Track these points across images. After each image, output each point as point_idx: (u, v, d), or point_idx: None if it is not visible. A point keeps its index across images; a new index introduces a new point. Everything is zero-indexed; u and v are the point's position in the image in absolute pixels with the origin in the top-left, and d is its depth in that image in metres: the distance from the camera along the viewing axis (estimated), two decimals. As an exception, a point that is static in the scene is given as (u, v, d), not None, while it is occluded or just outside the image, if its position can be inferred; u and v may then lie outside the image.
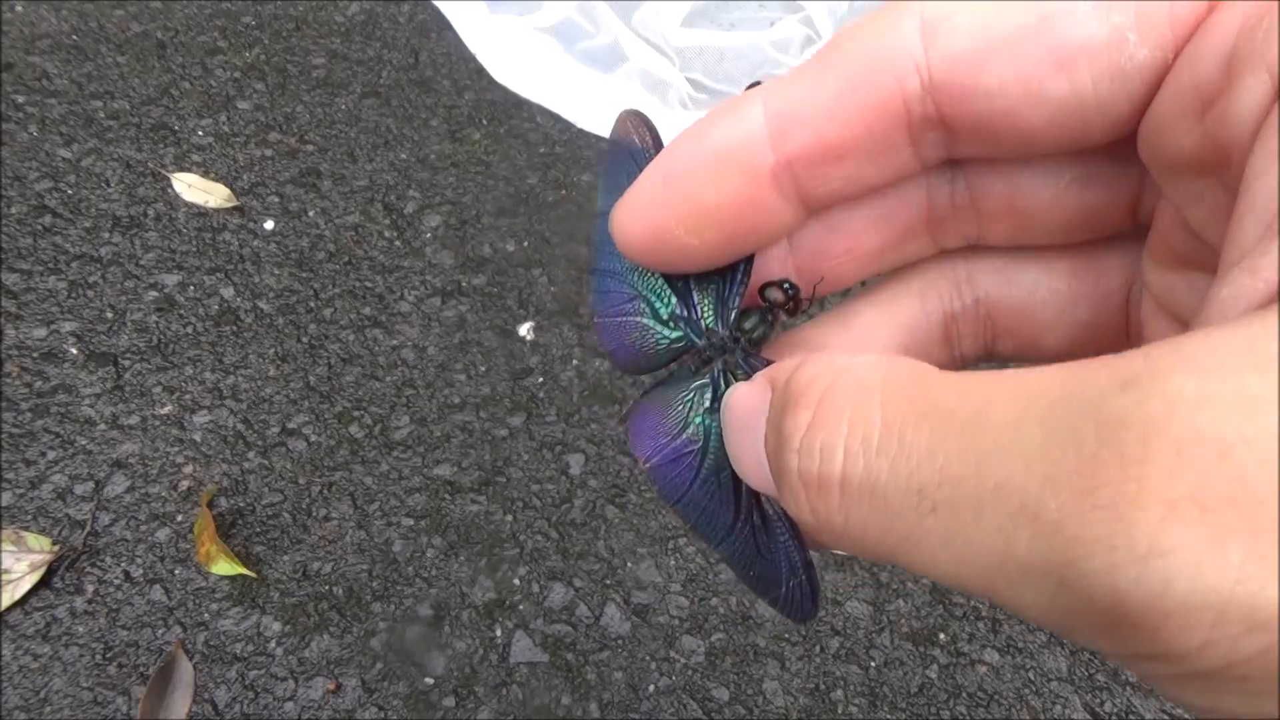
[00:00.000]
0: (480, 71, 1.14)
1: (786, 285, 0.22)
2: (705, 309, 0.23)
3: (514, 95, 1.13)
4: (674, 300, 0.23)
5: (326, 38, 1.19)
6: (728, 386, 0.22)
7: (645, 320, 0.23)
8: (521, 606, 0.75)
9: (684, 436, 0.22)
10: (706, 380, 0.22)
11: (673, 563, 0.78)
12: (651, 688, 0.72)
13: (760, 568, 0.21)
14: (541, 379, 0.89)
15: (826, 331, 0.23)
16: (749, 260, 0.21)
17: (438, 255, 0.98)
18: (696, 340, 0.23)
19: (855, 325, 0.22)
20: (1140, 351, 0.12)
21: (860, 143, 0.18)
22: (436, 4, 1.21)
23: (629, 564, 0.78)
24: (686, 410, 0.22)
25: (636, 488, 0.83)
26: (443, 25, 1.19)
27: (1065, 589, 0.12)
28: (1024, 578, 0.12)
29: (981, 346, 0.22)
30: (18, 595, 0.72)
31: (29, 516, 0.78)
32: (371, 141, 1.08)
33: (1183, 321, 0.20)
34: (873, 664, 0.74)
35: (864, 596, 0.77)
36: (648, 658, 0.73)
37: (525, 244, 1.00)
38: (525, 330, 0.93)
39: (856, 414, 0.14)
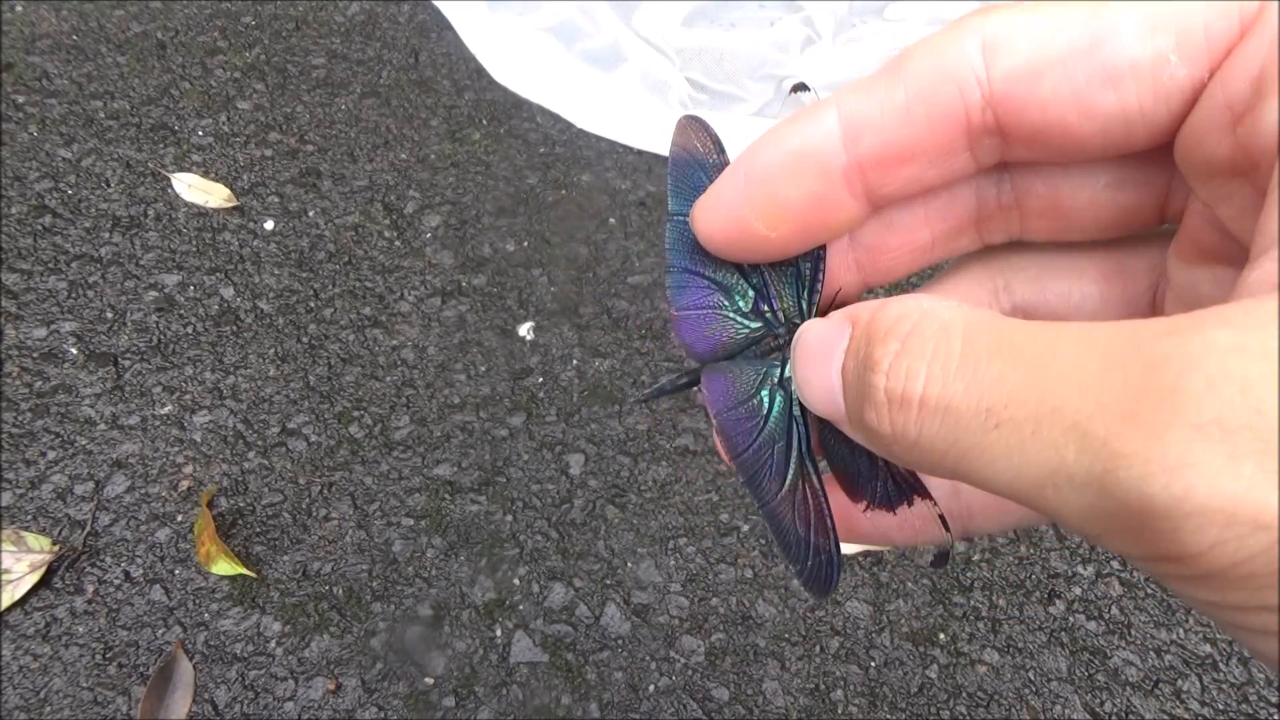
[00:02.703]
0: (480, 71, 1.14)
1: None
2: (784, 298, 0.25)
3: (514, 95, 1.13)
4: (751, 293, 0.25)
5: (326, 38, 1.19)
6: None
7: (726, 312, 0.25)
8: (521, 606, 0.75)
9: (749, 404, 0.24)
10: (777, 361, 0.25)
11: (673, 563, 0.78)
12: (651, 688, 0.72)
13: (793, 539, 0.24)
14: (541, 379, 0.89)
15: None
16: (822, 250, 0.24)
17: (438, 255, 0.98)
18: (777, 328, 0.25)
19: None
20: (1187, 314, 0.14)
21: (925, 147, 0.20)
22: (436, 4, 1.21)
23: (629, 564, 0.78)
24: (757, 381, 0.25)
25: (636, 488, 0.83)
26: (443, 25, 1.19)
27: (1104, 494, 0.14)
28: (1069, 485, 0.14)
29: None
30: (18, 595, 0.73)
31: (29, 516, 0.78)
32: (371, 141, 1.08)
33: None
34: (873, 664, 0.74)
35: (864, 596, 0.77)
36: (648, 658, 0.73)
37: (525, 244, 1.00)
38: (525, 330, 0.93)
39: (939, 346, 0.17)
